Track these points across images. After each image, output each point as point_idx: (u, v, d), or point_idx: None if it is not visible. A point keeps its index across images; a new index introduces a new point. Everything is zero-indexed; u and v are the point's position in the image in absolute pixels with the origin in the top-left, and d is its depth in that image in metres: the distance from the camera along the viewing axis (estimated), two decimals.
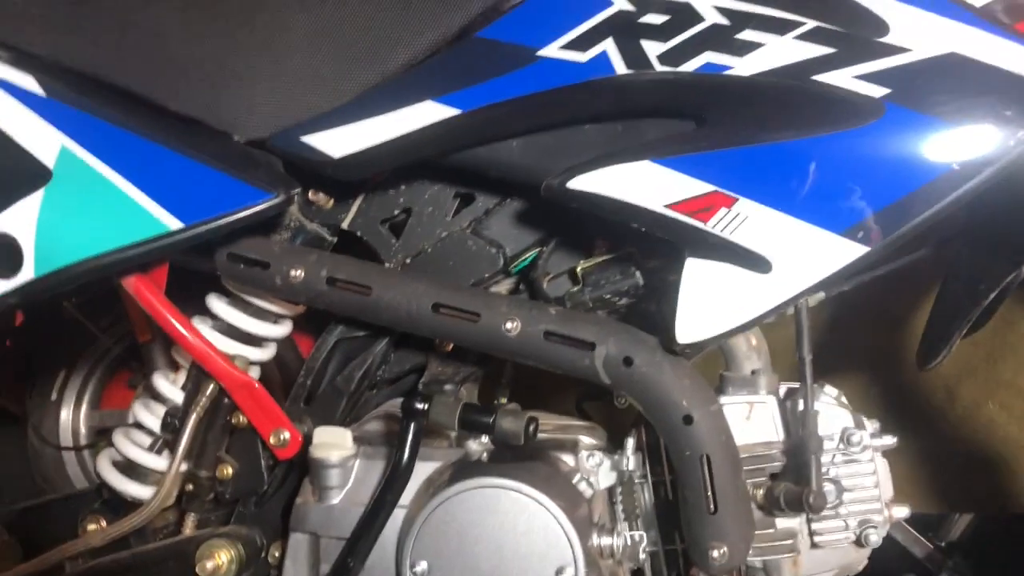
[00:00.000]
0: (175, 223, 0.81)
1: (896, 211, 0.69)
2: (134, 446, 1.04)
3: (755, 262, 0.73)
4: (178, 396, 1.02)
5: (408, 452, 0.84)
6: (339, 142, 0.81)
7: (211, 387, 0.98)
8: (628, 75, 0.74)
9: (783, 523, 0.89)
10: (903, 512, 0.90)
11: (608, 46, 0.74)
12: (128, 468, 1.04)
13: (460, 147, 0.82)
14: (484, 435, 0.87)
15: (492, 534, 0.82)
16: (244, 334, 0.99)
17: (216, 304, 0.99)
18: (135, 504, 1.02)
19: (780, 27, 0.71)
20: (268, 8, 0.82)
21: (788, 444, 0.88)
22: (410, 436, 0.83)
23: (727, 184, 0.72)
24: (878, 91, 0.69)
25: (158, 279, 0.94)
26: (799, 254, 0.72)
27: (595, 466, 0.92)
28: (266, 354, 1.03)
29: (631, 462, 0.92)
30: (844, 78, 0.70)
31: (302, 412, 1.01)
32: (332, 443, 0.91)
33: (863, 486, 0.89)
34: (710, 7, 0.72)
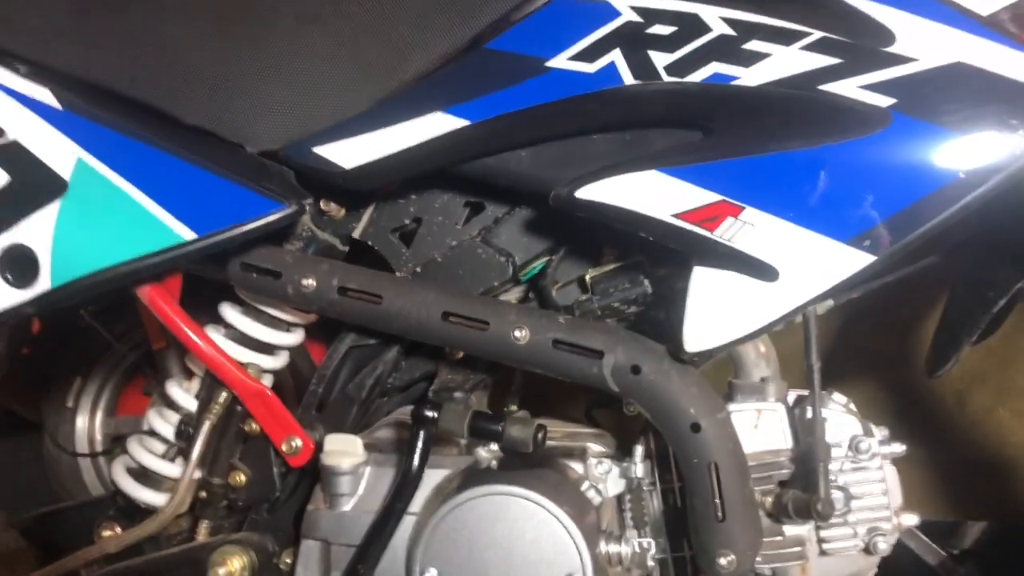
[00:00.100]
0: (189, 234, 0.82)
1: (903, 220, 0.70)
2: (148, 454, 1.05)
3: (762, 271, 0.73)
4: (192, 404, 1.03)
5: (418, 459, 0.84)
6: (350, 153, 0.82)
7: (224, 395, 0.99)
8: (636, 85, 0.74)
9: (791, 530, 0.89)
10: (912, 520, 0.89)
11: (616, 57, 0.74)
12: (142, 475, 1.05)
13: (470, 157, 0.83)
14: (493, 443, 0.87)
15: (501, 541, 0.82)
16: (257, 342, 1.00)
17: (229, 313, 1.00)
18: (149, 511, 1.03)
19: (787, 37, 0.71)
20: (281, 21, 0.83)
21: (796, 451, 0.88)
22: (420, 444, 0.84)
23: (734, 193, 0.73)
24: (884, 101, 0.69)
25: (172, 288, 0.95)
26: (806, 263, 0.72)
27: (604, 473, 0.92)
28: (279, 362, 1.04)
29: (640, 469, 0.92)
30: (850, 88, 0.70)
31: (314, 419, 1.02)
32: (343, 450, 0.91)
33: (872, 493, 0.89)
34: (717, 18, 0.72)
